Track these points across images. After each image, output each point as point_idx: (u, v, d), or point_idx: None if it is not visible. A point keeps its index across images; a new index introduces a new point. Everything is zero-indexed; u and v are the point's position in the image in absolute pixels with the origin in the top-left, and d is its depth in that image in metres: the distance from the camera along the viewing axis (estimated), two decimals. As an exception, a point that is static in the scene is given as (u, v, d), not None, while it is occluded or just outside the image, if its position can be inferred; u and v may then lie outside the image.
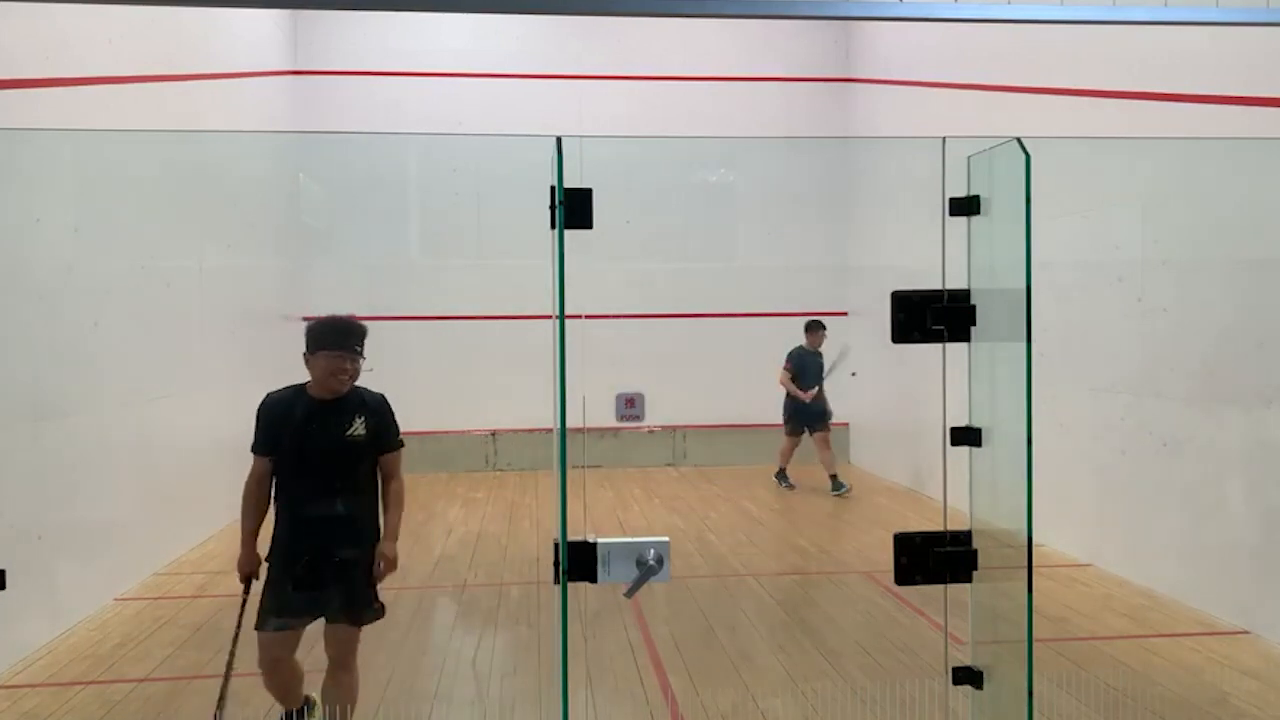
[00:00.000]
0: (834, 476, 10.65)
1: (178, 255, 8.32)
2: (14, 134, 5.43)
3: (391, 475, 4.15)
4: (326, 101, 12.33)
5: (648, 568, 2.52)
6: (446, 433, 12.26)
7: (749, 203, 13.12)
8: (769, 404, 12.61)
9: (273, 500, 4.08)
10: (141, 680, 5.20)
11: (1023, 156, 2.82)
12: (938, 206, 3.10)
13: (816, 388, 10.78)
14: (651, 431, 12.68)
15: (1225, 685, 4.98)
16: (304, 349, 4.03)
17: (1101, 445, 7.30)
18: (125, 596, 6.73)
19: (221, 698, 4.23)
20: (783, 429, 11.10)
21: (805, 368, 10.72)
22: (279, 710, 4.30)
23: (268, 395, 4.09)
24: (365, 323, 4.11)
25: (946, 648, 3.44)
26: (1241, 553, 5.96)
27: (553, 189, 2.63)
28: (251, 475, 4.07)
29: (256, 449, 4.08)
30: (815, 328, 10.87)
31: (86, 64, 6.65)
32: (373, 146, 12.26)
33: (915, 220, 4.43)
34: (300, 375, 4.10)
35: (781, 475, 11.08)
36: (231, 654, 4.19)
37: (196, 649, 5.68)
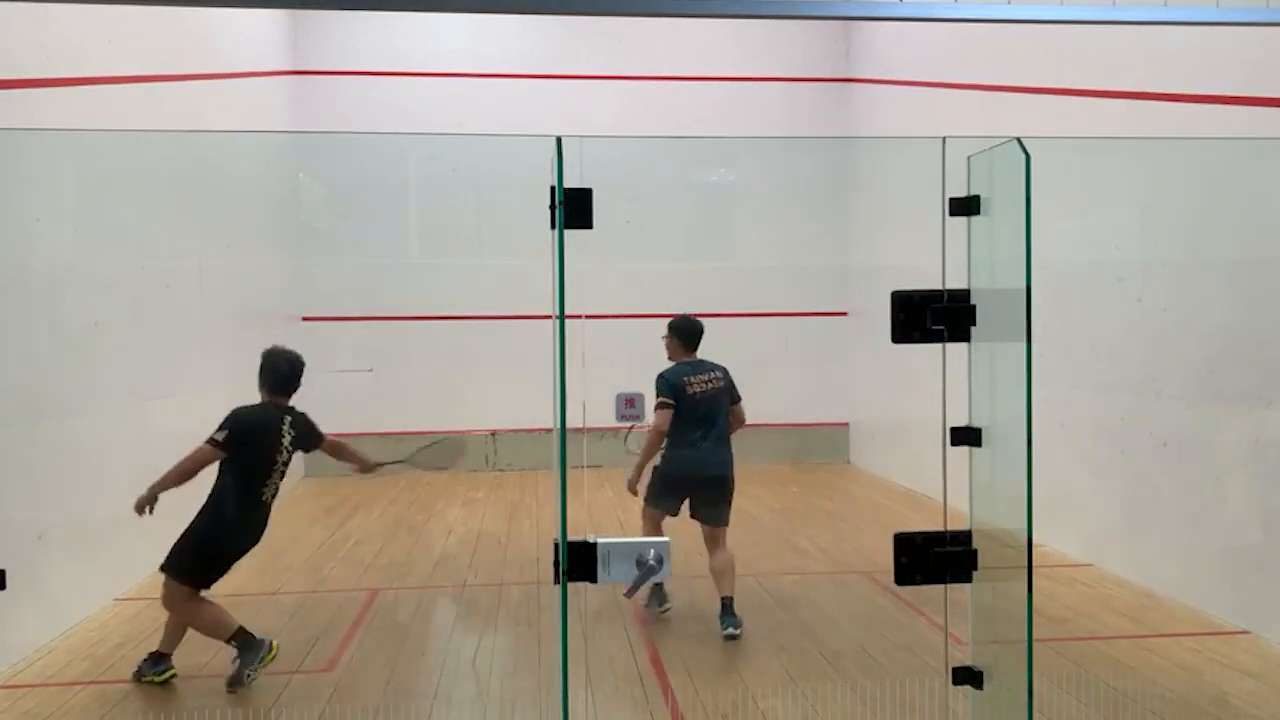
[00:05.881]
0: (727, 600, 5.80)
1: (178, 255, 8.32)
2: (14, 134, 5.43)
3: None
4: (326, 101, 12.32)
5: (648, 567, 2.52)
6: (446, 433, 12.23)
7: (749, 203, 13.12)
8: (768, 404, 12.59)
9: None
10: (141, 680, 5.19)
11: (1023, 156, 2.82)
12: (938, 206, 3.10)
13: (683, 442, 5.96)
14: (651, 431, 12.64)
15: (1225, 685, 4.97)
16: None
17: (1101, 445, 7.30)
18: (125, 596, 6.72)
19: None
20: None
21: (676, 395, 5.99)
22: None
23: None
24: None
25: (947, 648, 3.44)
26: (1241, 553, 5.96)
27: (553, 189, 2.63)
28: None
29: None
30: (677, 332, 6.18)
31: (86, 64, 6.64)
32: (373, 146, 12.25)
33: (915, 220, 4.43)
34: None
35: (658, 592, 6.13)
36: None
37: (197, 649, 5.68)
